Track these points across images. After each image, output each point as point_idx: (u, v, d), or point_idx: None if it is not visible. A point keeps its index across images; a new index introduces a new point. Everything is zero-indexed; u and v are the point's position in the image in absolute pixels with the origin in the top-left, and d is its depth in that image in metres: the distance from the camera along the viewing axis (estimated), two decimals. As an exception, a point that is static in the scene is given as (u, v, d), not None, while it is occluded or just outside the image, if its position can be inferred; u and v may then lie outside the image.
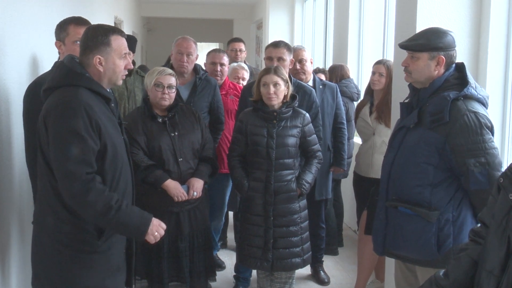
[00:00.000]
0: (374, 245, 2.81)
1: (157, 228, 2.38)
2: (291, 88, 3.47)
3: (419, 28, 3.18)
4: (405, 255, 2.66)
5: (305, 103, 3.77)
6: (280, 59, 3.77)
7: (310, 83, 4.20)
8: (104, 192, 2.24)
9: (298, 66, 4.15)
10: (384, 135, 4.04)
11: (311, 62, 4.36)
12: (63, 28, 2.91)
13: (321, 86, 4.22)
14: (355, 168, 4.29)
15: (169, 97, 3.44)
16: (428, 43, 2.54)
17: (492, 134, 2.47)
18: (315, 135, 3.56)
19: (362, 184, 4.15)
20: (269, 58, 3.84)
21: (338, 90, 4.35)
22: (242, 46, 5.57)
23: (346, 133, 4.34)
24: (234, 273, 4.14)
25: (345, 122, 4.35)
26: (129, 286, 2.70)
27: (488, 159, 2.40)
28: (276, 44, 3.88)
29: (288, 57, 3.83)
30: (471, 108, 2.44)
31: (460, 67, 2.58)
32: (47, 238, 2.33)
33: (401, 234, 2.61)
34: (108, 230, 2.34)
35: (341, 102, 4.34)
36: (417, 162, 2.53)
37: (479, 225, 1.88)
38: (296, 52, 4.14)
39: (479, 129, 2.41)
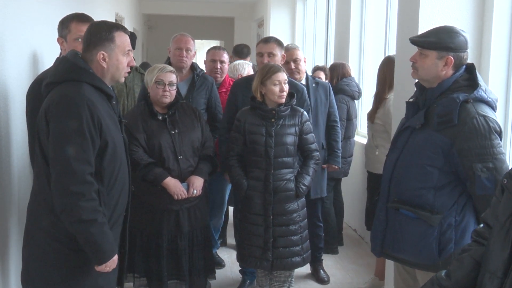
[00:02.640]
0: (372, 245, 2.76)
1: (112, 264, 2.33)
2: None
3: (421, 26, 3.16)
4: (404, 258, 2.61)
5: (296, 101, 3.74)
6: (271, 54, 3.76)
7: (303, 81, 4.19)
8: (95, 202, 2.23)
9: (293, 66, 4.12)
10: (370, 129, 4.29)
11: (305, 61, 4.36)
12: (65, 25, 2.89)
13: (314, 85, 4.20)
14: None
15: (170, 95, 3.42)
16: (438, 41, 2.47)
17: (501, 139, 2.41)
18: (312, 134, 3.54)
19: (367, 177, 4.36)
20: (259, 54, 3.82)
21: (331, 88, 4.36)
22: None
23: (339, 130, 4.34)
24: (240, 268, 4.10)
25: (338, 120, 4.35)
26: (121, 286, 2.68)
27: (496, 164, 2.34)
28: (267, 40, 3.87)
29: (279, 53, 3.79)
30: (480, 111, 2.38)
31: (470, 68, 2.52)
32: (41, 234, 2.31)
33: (401, 236, 2.56)
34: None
35: (334, 101, 4.35)
36: (421, 164, 2.47)
37: (482, 225, 1.87)
38: (291, 52, 4.12)
39: (488, 134, 2.35)
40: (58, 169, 2.19)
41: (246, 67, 4.84)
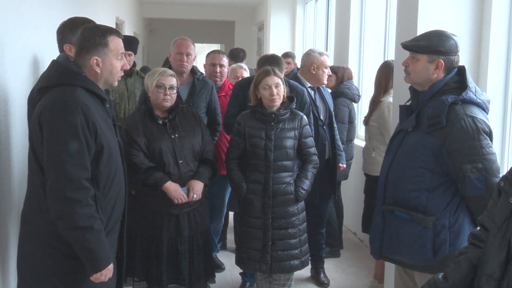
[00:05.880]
0: (371, 248, 2.78)
1: (108, 273, 2.28)
2: (286, 88, 3.48)
3: (420, 30, 3.17)
4: (401, 260, 2.63)
5: (297, 103, 3.75)
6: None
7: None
8: (92, 208, 2.19)
9: (326, 71, 4.21)
10: (366, 131, 4.38)
11: None
12: (74, 32, 2.73)
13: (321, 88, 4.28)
14: None
15: (171, 98, 3.43)
16: (429, 45, 2.52)
17: (491, 139, 2.43)
18: (311, 138, 3.56)
19: None
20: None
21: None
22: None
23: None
24: (240, 271, 4.10)
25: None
26: None
27: (485, 164, 2.36)
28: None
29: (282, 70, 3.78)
30: (469, 112, 2.41)
31: (461, 71, 2.55)
32: (36, 240, 2.27)
33: (397, 238, 2.59)
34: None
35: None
36: (414, 166, 2.50)
37: (479, 228, 1.88)
38: (326, 59, 4.22)
39: (476, 134, 2.37)
40: (53, 174, 2.14)
41: (229, 71, 4.82)
